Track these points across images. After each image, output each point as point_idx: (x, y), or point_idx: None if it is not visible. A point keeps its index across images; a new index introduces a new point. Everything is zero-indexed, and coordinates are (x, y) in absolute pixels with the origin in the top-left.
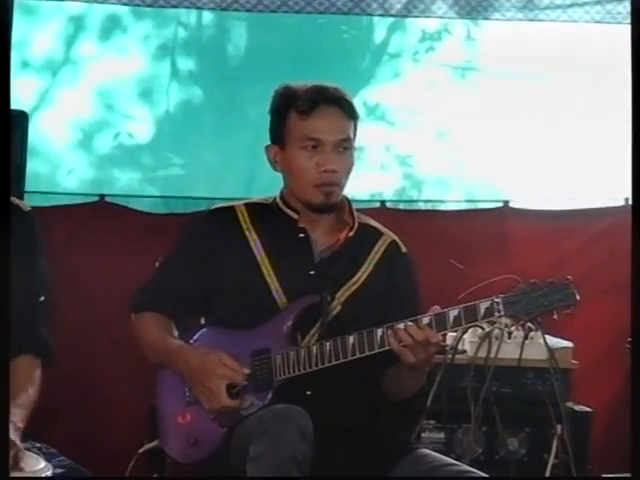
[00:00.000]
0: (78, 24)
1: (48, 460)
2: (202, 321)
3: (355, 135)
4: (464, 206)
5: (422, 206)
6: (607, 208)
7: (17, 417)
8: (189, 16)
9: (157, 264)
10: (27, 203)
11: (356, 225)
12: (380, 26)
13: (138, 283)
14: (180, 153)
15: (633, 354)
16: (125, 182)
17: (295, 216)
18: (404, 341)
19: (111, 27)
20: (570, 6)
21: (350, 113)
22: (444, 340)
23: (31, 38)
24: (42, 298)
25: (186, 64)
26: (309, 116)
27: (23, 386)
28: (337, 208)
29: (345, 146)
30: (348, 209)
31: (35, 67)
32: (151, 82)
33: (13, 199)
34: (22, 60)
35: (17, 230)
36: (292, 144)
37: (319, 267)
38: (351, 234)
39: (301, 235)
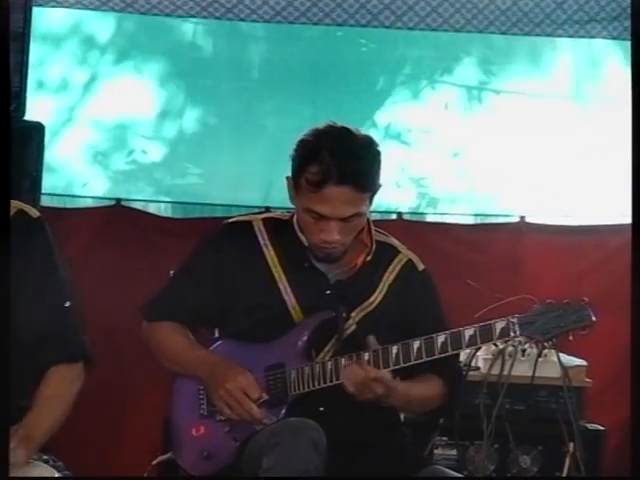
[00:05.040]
0: (94, 44)
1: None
2: (216, 333)
3: (372, 199)
4: (481, 220)
5: (439, 219)
6: (623, 225)
7: (38, 430)
8: (206, 28)
9: (171, 273)
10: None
11: (374, 247)
12: (397, 45)
13: (153, 288)
14: (197, 163)
15: (633, 361)
16: (141, 195)
17: (306, 243)
18: (350, 378)
19: (128, 46)
20: (588, 22)
21: (363, 188)
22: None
23: (48, 58)
24: (67, 304)
25: (204, 77)
26: (316, 192)
27: (54, 398)
28: (341, 258)
29: (352, 220)
30: (367, 228)
31: (51, 88)
32: (168, 98)
33: (20, 204)
34: (38, 80)
35: (29, 238)
36: (301, 203)
37: (335, 288)
38: (369, 258)
39: (306, 265)
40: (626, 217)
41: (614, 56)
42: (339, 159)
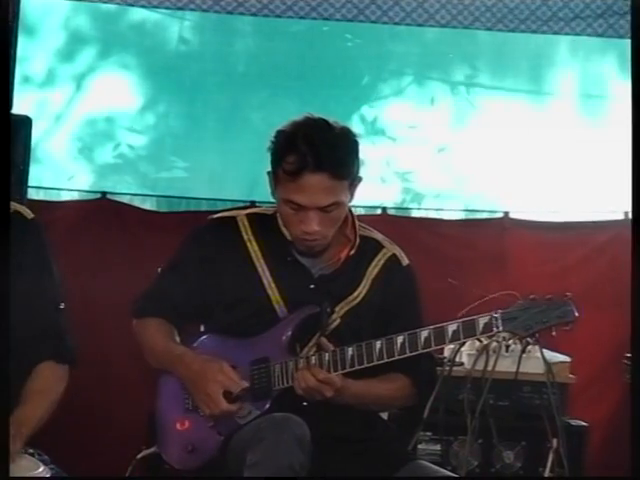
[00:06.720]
0: (79, 38)
1: None
2: (202, 328)
3: (352, 190)
4: (465, 216)
5: (424, 214)
6: (607, 221)
7: (28, 422)
8: (193, 22)
9: (159, 270)
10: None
11: (357, 241)
12: (383, 40)
13: (138, 281)
14: (183, 157)
15: (633, 360)
16: (126, 188)
17: (289, 237)
18: (300, 383)
19: (113, 39)
20: (573, 19)
21: (340, 175)
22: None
23: (34, 53)
24: (62, 305)
25: (189, 71)
26: (293, 181)
27: (43, 392)
28: (324, 252)
29: (330, 209)
30: (351, 223)
31: (37, 81)
32: (154, 91)
33: (16, 205)
34: (24, 74)
35: (24, 238)
36: (280, 194)
37: (319, 282)
38: (352, 252)
39: (289, 259)
40: (611, 213)
41: (598, 53)
42: (315, 147)
